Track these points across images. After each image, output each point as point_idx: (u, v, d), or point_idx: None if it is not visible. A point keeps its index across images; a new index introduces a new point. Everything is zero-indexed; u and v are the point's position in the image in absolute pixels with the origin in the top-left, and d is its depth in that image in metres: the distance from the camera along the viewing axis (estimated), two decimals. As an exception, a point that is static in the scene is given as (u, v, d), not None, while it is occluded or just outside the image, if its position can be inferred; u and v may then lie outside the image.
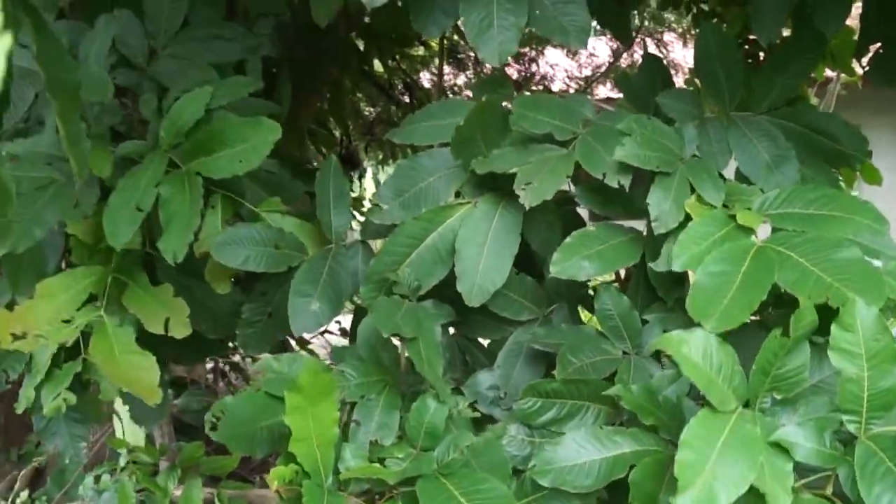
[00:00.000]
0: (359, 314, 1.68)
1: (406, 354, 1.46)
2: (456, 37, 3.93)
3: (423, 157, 1.58)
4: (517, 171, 1.42)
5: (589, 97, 1.67)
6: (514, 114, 1.50)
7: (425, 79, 4.34)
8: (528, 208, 1.40)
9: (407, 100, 3.87)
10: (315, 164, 3.02)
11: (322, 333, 3.23)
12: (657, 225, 1.40)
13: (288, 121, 2.41)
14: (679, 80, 5.52)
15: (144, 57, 1.85)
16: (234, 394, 1.57)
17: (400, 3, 1.85)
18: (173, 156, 1.61)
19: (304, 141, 2.91)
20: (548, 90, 5.23)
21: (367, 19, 2.93)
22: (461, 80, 4.81)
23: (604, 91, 6.27)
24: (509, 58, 1.53)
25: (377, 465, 1.31)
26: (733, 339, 1.21)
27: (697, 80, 1.64)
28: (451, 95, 4.39)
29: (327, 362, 1.55)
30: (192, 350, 1.84)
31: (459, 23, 1.56)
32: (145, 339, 1.62)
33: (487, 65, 1.65)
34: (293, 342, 3.12)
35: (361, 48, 3.05)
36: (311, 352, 2.54)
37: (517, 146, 1.51)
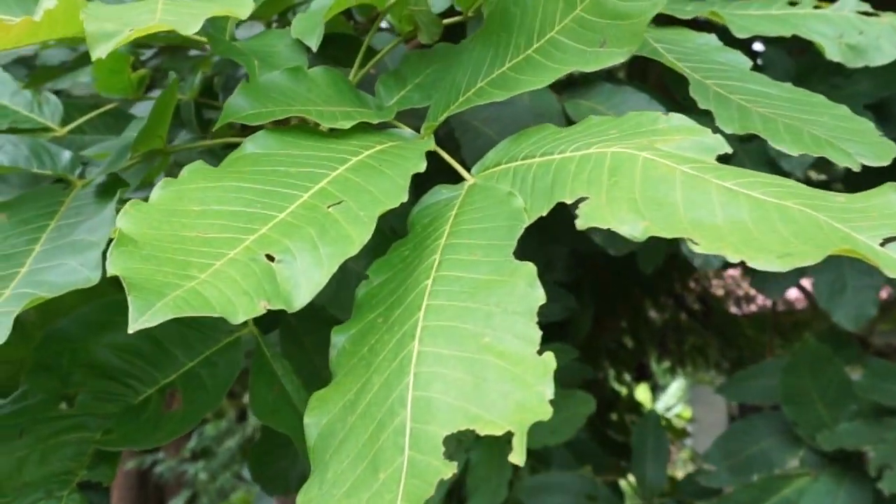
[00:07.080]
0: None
1: None
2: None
3: (758, 419, 1.52)
4: (871, 452, 1.32)
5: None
6: (861, 383, 1.41)
7: (717, 285, 4.24)
8: (887, 496, 1.28)
9: (698, 307, 3.79)
10: (615, 386, 3.03)
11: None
12: None
13: (587, 342, 2.47)
14: None
15: None
16: None
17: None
18: None
19: (602, 362, 2.96)
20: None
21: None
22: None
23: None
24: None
25: None
26: None
27: None
28: (743, 303, 4.24)
29: None
30: None
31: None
32: None
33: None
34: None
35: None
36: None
37: (868, 419, 1.41)
